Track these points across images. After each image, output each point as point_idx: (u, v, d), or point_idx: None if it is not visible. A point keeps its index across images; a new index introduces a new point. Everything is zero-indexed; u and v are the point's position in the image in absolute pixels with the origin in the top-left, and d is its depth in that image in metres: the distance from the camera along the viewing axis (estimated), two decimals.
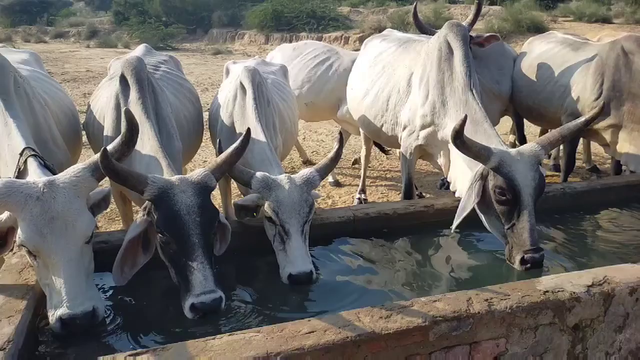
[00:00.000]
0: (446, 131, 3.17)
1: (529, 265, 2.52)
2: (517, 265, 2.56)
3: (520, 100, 4.73)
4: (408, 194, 3.70)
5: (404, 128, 3.57)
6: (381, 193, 5.38)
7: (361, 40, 12.82)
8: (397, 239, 2.98)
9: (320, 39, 18.74)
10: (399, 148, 3.80)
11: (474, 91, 3.13)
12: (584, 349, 2.16)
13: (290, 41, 20.47)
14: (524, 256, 2.51)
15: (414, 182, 5.22)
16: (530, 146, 2.70)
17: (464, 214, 2.71)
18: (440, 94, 3.25)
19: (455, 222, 2.75)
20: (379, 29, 18.74)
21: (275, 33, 20.89)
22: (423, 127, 3.38)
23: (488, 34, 4.10)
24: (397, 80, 3.67)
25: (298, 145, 6.26)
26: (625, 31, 13.40)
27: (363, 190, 5.16)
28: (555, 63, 4.42)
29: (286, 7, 21.12)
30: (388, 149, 5.81)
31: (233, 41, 22.20)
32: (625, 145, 3.82)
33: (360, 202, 5.00)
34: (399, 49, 3.96)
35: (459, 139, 2.54)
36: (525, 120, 5.11)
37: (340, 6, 23.08)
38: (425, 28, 4.31)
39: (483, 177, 2.69)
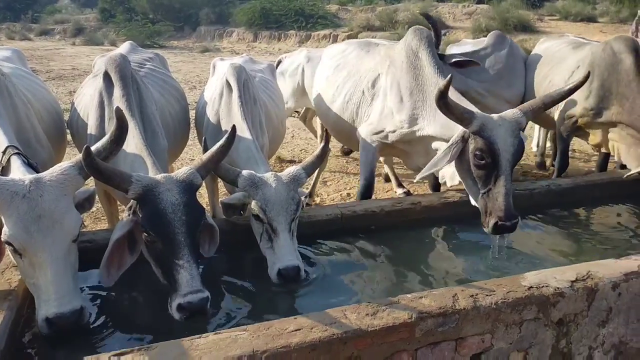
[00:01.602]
0: (424, 132, 3.21)
1: (500, 231, 2.58)
2: (489, 229, 2.60)
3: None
4: (368, 192, 3.64)
5: (368, 126, 3.56)
6: None
7: (350, 38, 12.80)
8: (384, 236, 2.99)
9: (308, 37, 18.75)
10: None
11: (442, 78, 3.14)
12: (568, 344, 2.19)
13: (279, 39, 20.49)
14: (497, 222, 2.55)
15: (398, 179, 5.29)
16: (512, 112, 2.72)
17: (433, 169, 2.78)
18: (413, 99, 3.27)
19: (421, 175, 2.87)
20: (368, 27, 18.79)
21: (264, 31, 20.85)
22: (396, 132, 3.37)
23: (467, 59, 4.07)
24: (365, 86, 3.65)
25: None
26: (610, 30, 13.58)
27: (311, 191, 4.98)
28: (553, 61, 4.45)
29: (274, 4, 21.08)
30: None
31: (221, 39, 22.09)
32: (616, 144, 3.85)
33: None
34: (362, 52, 3.94)
35: (443, 99, 2.54)
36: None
37: (329, 4, 23.08)
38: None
39: (464, 140, 2.71)
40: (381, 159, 5.29)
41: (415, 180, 2.88)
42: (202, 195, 4.37)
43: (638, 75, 3.66)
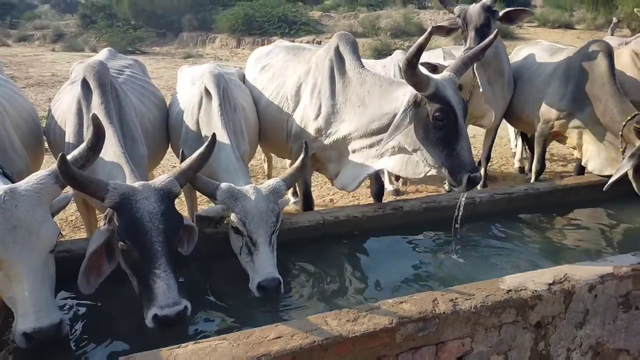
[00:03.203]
0: (342, 131, 3.19)
1: (473, 184, 2.64)
2: (464, 186, 2.63)
3: None
4: (308, 204, 3.64)
5: (295, 140, 3.52)
6: (352, 196, 5.40)
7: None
8: (366, 242, 3.00)
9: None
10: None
11: (369, 75, 3.15)
12: (546, 346, 2.22)
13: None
14: (470, 175, 2.60)
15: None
16: (446, 73, 2.78)
17: (395, 134, 2.74)
18: (333, 103, 3.25)
19: (384, 145, 2.82)
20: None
21: (247, 37, 20.82)
22: (317, 139, 3.33)
23: (520, 9, 4.11)
24: (287, 90, 3.61)
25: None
26: (587, 36, 13.89)
27: None
28: (533, 67, 4.53)
29: (257, 11, 21.08)
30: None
31: (204, 45, 21.99)
32: (590, 148, 3.94)
33: None
34: (288, 56, 3.90)
35: (417, 58, 2.54)
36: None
37: (312, 11, 23.21)
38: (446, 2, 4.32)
39: (416, 105, 2.71)
40: None
41: (378, 150, 2.92)
42: (184, 203, 4.33)
43: (611, 77, 3.75)
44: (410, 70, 2.58)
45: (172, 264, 2.02)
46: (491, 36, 2.98)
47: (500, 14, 4.09)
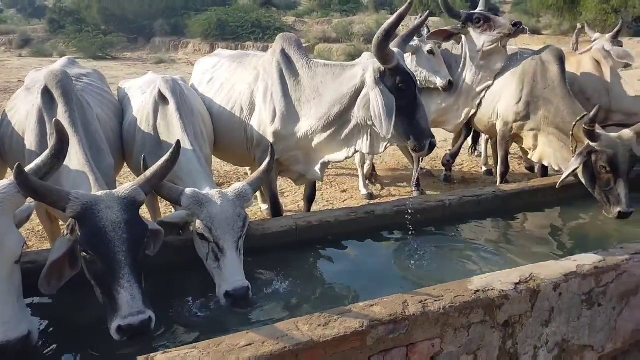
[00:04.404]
0: (302, 131, 3.21)
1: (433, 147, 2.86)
2: (426, 150, 2.84)
3: None
4: (277, 211, 3.64)
5: (256, 147, 3.49)
6: (326, 201, 5.42)
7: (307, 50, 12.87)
8: (340, 246, 3.01)
9: (266, 48, 18.74)
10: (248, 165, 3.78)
11: (319, 67, 3.20)
12: (514, 344, 2.26)
13: (236, 50, 20.38)
14: (431, 140, 2.81)
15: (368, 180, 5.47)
16: (395, 49, 2.87)
17: (393, 117, 2.77)
18: (287, 103, 3.26)
19: (386, 127, 2.78)
20: (324, 39, 19.05)
21: (220, 42, 20.70)
22: (277, 142, 3.30)
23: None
24: (238, 98, 3.57)
25: None
26: (553, 41, 14.32)
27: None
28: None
29: (231, 16, 21.02)
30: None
31: (176, 50, 21.78)
32: (545, 149, 4.11)
33: None
34: (234, 64, 3.85)
35: (393, 29, 2.62)
36: None
37: (286, 16, 23.27)
38: (454, 12, 4.79)
39: (381, 78, 2.81)
40: (356, 158, 5.39)
41: (386, 145, 3.03)
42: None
43: (562, 81, 3.98)
44: (385, 42, 2.64)
45: (136, 273, 1.99)
46: (422, 18, 3.33)
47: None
